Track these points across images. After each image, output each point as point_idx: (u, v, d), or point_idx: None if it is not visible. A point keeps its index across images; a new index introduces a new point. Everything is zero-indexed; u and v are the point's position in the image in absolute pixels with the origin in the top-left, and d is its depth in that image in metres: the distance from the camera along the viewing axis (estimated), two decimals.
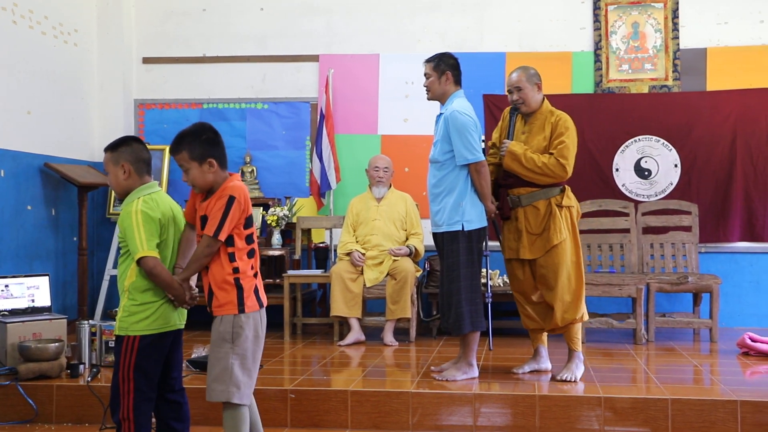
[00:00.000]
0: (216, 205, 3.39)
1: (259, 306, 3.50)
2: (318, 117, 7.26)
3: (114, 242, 6.71)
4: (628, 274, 6.36)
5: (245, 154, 7.42)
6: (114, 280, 6.53)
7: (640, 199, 6.96)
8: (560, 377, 4.74)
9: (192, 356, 5.20)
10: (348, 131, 7.37)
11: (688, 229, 6.66)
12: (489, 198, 4.80)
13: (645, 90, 7.08)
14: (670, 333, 6.61)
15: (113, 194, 6.91)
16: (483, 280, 6.21)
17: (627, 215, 6.70)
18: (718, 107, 6.94)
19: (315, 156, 7.14)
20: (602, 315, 6.36)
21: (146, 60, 7.64)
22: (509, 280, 5.08)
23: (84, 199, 6.69)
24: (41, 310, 5.42)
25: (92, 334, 5.06)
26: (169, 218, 3.52)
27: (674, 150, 6.99)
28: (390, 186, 6.55)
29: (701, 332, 6.52)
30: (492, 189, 4.87)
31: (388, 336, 6.12)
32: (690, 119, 6.96)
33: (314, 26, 7.49)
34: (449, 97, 4.90)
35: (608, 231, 6.70)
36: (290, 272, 6.57)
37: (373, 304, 6.74)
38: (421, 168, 7.19)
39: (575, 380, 4.71)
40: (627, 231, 6.67)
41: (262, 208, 7.19)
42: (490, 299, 5.11)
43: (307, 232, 7.22)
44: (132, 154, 3.54)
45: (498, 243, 5.13)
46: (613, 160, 7.06)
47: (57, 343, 4.83)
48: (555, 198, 4.81)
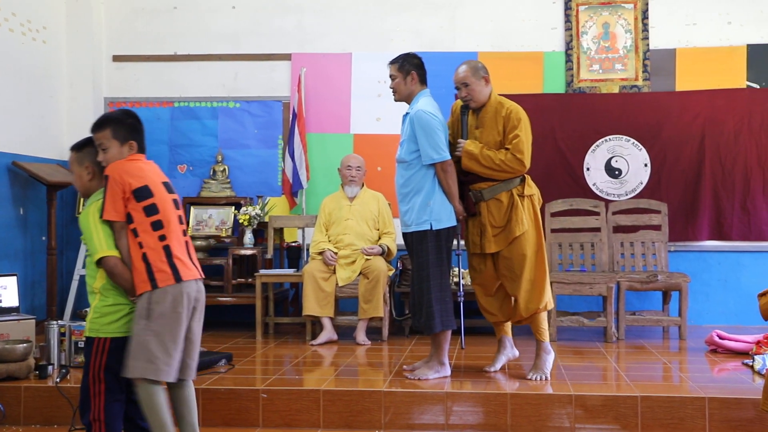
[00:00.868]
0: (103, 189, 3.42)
1: (175, 279, 3.39)
2: (290, 116, 7.24)
3: None
4: (599, 273, 6.42)
5: (217, 153, 7.37)
6: (84, 280, 6.47)
7: (611, 198, 7.02)
8: (530, 377, 4.76)
9: None
10: (321, 130, 7.35)
11: (658, 228, 6.72)
12: (456, 197, 4.81)
13: (615, 90, 7.14)
14: (640, 331, 6.67)
15: None
16: (455, 279, 6.26)
17: (598, 214, 6.75)
18: (687, 107, 7.02)
19: (287, 155, 7.12)
20: (573, 313, 6.41)
21: (116, 58, 7.57)
22: (470, 274, 5.09)
23: (53, 198, 6.61)
24: (9, 311, 5.35)
25: (61, 335, 5.01)
26: None
27: (644, 149, 7.05)
28: (362, 185, 6.54)
29: (670, 330, 6.59)
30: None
31: (361, 335, 6.12)
32: (660, 119, 7.03)
33: (286, 25, 7.46)
34: (415, 97, 4.91)
35: (579, 230, 6.75)
36: (262, 271, 6.54)
37: (346, 304, 6.73)
38: (394, 167, 7.20)
39: (546, 378, 4.74)
40: (598, 230, 6.72)
41: (234, 207, 7.17)
42: (462, 298, 5.14)
43: (280, 232, 7.20)
44: (97, 155, 3.52)
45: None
46: (584, 160, 7.12)
47: (25, 344, 4.76)
48: (516, 188, 4.83)
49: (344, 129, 7.37)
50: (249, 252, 6.78)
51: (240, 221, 6.83)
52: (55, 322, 5.05)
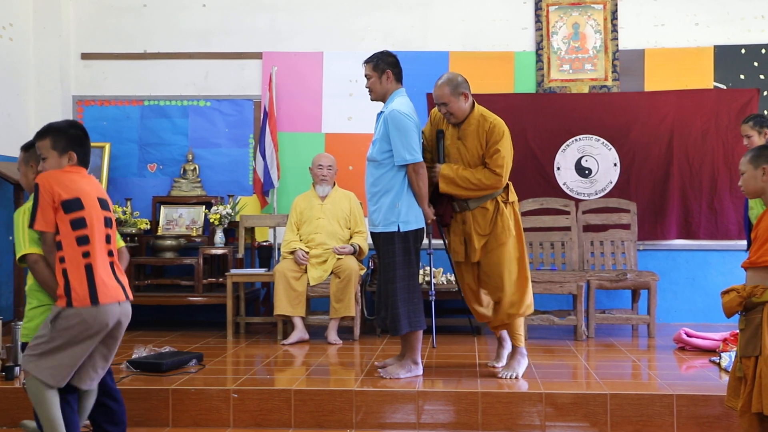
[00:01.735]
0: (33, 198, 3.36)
1: (91, 302, 3.26)
2: (261, 115, 7.21)
3: None
4: (569, 272, 6.46)
5: (187, 152, 7.32)
6: None
7: (581, 198, 7.07)
8: (501, 375, 4.79)
9: (132, 357, 5.12)
10: (292, 129, 7.33)
11: (627, 227, 6.78)
12: (426, 200, 4.80)
13: (585, 90, 7.19)
14: (610, 329, 6.73)
15: None
16: (427, 278, 6.27)
17: (568, 213, 6.80)
18: (656, 107, 7.09)
19: (258, 154, 7.09)
20: (543, 312, 6.44)
21: (85, 55, 7.49)
22: (458, 281, 5.10)
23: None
24: None
25: None
26: None
27: (614, 149, 7.11)
28: (334, 184, 6.53)
29: (639, 328, 6.65)
30: (433, 194, 4.87)
31: (332, 334, 6.11)
32: (629, 119, 7.10)
33: (257, 23, 7.43)
34: (390, 96, 4.90)
35: (550, 229, 6.80)
36: (233, 271, 6.51)
37: (317, 303, 6.72)
38: (365, 166, 7.21)
39: (517, 377, 4.77)
40: (568, 229, 6.77)
41: (205, 207, 7.12)
42: (434, 297, 5.15)
43: (251, 231, 7.17)
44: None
45: (441, 241, 5.15)
46: (555, 159, 7.16)
47: None
48: (501, 195, 4.85)
49: (316, 128, 7.36)
50: (220, 251, 6.74)
51: (211, 220, 6.79)
52: (22, 323, 4.98)
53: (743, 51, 7.13)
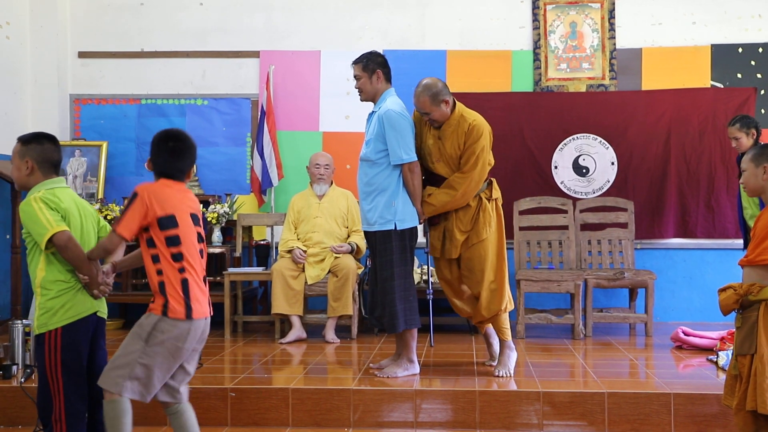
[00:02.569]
0: (127, 202, 3.32)
1: (186, 316, 3.23)
2: (259, 113, 7.20)
3: None
4: (567, 271, 6.46)
5: None
6: None
7: (578, 197, 7.07)
8: (496, 373, 4.79)
9: None
10: (289, 128, 7.32)
11: (625, 226, 6.79)
12: (419, 199, 4.82)
13: (583, 89, 7.20)
14: (607, 328, 6.74)
15: None
16: (424, 277, 6.28)
17: (565, 212, 6.80)
18: (653, 106, 7.09)
19: (256, 153, 7.08)
20: (541, 311, 6.45)
21: (82, 54, 7.48)
22: (437, 276, 5.11)
23: (17, 196, 6.50)
24: None
25: (26, 334, 4.92)
26: (72, 213, 3.45)
27: (611, 148, 7.12)
28: (331, 183, 6.53)
29: (637, 327, 6.66)
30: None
31: (330, 333, 6.11)
32: (626, 118, 7.10)
33: (255, 22, 7.42)
34: (381, 95, 4.90)
35: (547, 228, 6.80)
36: (231, 270, 6.51)
37: (315, 302, 6.72)
38: (358, 166, 7.20)
39: (509, 374, 4.77)
40: (565, 228, 6.77)
41: (202, 205, 7.11)
42: (431, 296, 5.14)
43: (248, 230, 7.16)
44: (40, 153, 3.47)
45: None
46: (552, 158, 7.16)
47: None
48: (484, 192, 4.86)
49: (313, 127, 7.35)
50: (217, 250, 6.73)
51: (208, 219, 6.78)
52: (20, 322, 4.97)
53: (740, 50, 7.13)
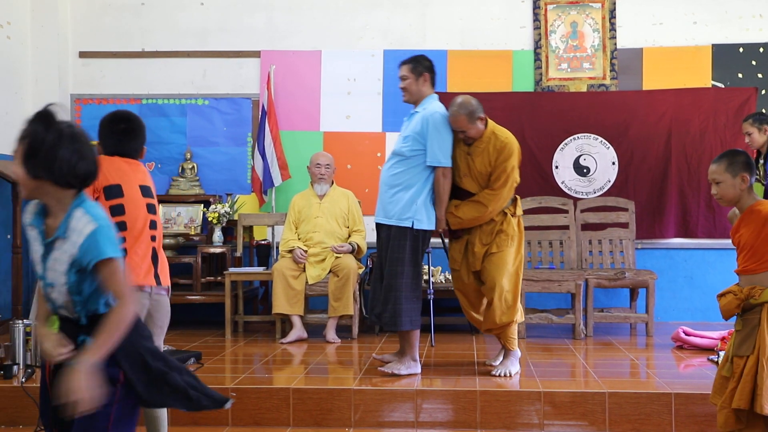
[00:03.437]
0: None
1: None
2: (260, 113, 7.20)
3: None
4: (568, 270, 6.46)
5: (185, 151, 7.32)
6: None
7: (579, 196, 7.07)
8: (495, 373, 4.81)
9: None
10: (290, 128, 7.32)
11: (625, 226, 6.79)
12: (444, 206, 4.84)
13: (583, 89, 7.20)
14: (608, 328, 6.74)
15: None
16: (425, 277, 6.28)
17: (566, 212, 6.80)
18: (654, 106, 7.09)
19: (257, 152, 7.08)
20: (542, 311, 6.45)
21: (83, 54, 7.48)
22: (454, 287, 5.11)
23: (18, 196, 6.52)
24: None
25: (27, 334, 4.94)
26: None
27: (612, 148, 7.12)
28: (332, 183, 6.53)
29: (638, 326, 6.65)
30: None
31: (331, 333, 6.11)
32: (627, 118, 7.10)
33: (255, 22, 7.42)
34: (425, 98, 4.94)
35: (548, 228, 6.80)
36: (232, 270, 6.51)
37: (316, 302, 6.72)
38: (364, 165, 7.22)
39: (509, 375, 4.78)
40: (566, 228, 6.77)
41: (203, 205, 7.12)
42: (432, 296, 5.15)
43: (249, 230, 7.16)
44: None
45: (440, 240, 5.15)
46: (553, 158, 7.16)
47: None
48: (509, 208, 4.89)
49: (314, 126, 7.35)
50: (218, 250, 6.74)
51: (209, 219, 6.79)
52: (21, 322, 4.98)
53: (741, 50, 7.13)
